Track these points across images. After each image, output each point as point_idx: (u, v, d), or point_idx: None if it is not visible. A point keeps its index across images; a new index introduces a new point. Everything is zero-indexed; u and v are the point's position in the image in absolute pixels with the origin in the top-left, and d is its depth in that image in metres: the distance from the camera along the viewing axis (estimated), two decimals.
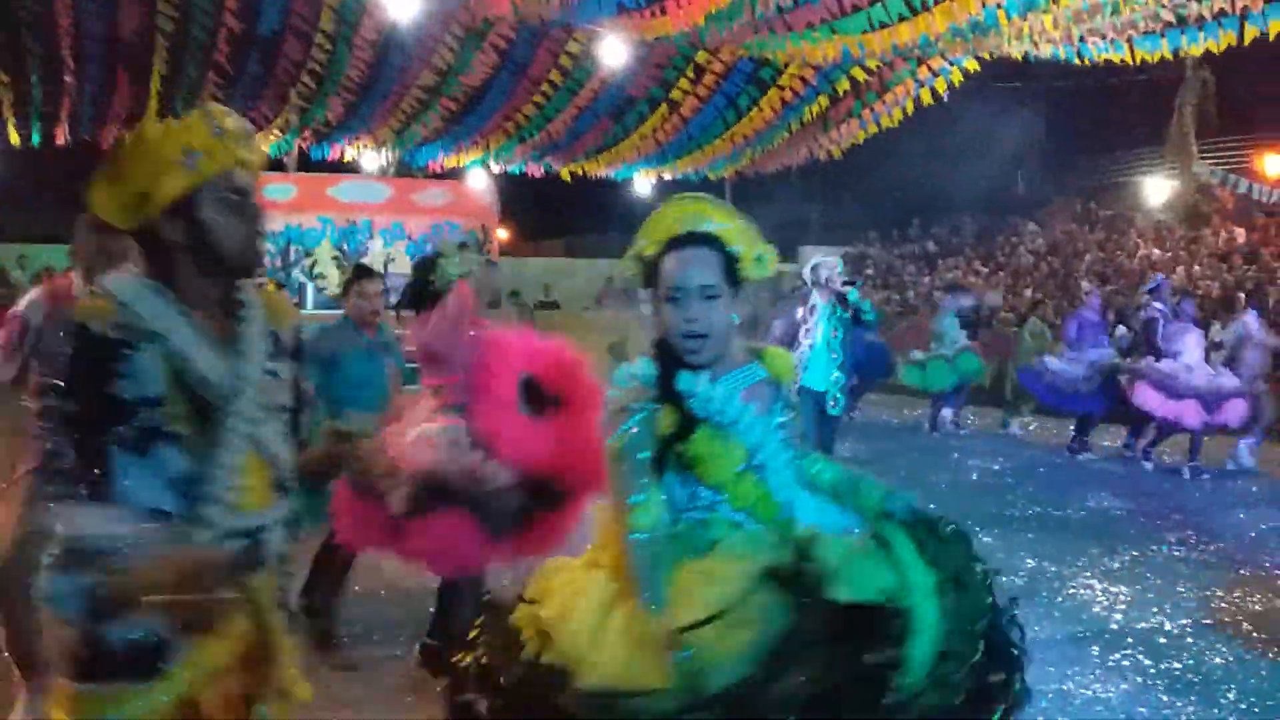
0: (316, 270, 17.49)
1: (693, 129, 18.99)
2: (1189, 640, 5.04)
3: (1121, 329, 14.10)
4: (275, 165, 19.46)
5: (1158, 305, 10.33)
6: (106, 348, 1.90)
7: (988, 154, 25.91)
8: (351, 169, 19.65)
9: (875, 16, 13.26)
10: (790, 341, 7.49)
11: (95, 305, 1.95)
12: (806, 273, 7.63)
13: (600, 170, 20.84)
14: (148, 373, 1.92)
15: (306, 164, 19.11)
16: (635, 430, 2.24)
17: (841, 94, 17.92)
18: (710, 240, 2.37)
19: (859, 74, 17.07)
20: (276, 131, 17.53)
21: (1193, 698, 4.36)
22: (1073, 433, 11.20)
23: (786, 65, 17.22)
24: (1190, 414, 9.53)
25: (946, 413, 13.14)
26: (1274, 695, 4.36)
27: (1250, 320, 10.36)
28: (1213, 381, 9.69)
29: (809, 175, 24.77)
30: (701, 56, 16.86)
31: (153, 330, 1.94)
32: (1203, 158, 21.00)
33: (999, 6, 12.19)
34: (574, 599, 2.12)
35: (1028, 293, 18.75)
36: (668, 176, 21.85)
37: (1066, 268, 19.96)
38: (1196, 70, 19.24)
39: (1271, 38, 12.52)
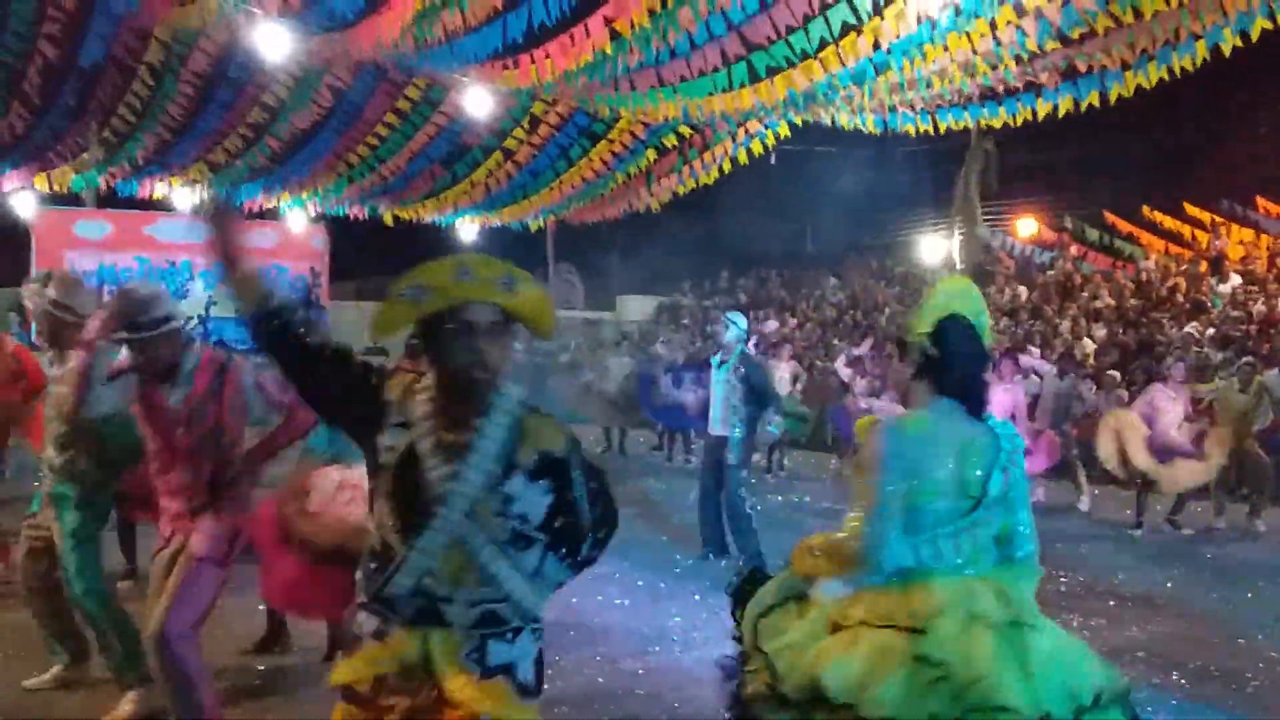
0: None
1: (524, 177, 19.23)
2: None
3: None
4: (75, 200, 18.37)
5: None
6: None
7: (787, 211, 27.47)
8: (162, 206, 18.73)
9: (719, 82, 13.93)
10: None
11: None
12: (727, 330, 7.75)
13: (428, 215, 20.73)
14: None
15: (114, 201, 18.07)
16: None
17: (668, 150, 18.67)
18: None
19: (685, 130, 17.85)
20: (82, 166, 16.56)
21: None
22: None
23: (618, 120, 17.74)
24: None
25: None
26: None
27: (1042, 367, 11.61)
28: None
29: (623, 227, 25.44)
30: (538, 108, 17.15)
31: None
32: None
33: (833, 77, 13.05)
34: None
35: (836, 342, 19.89)
36: (494, 223, 21.95)
37: (868, 320, 21.31)
38: (979, 140, 21.07)
39: (1061, 114, 14.11)
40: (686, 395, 9.37)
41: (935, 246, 25.22)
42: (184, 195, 18.45)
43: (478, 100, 14.69)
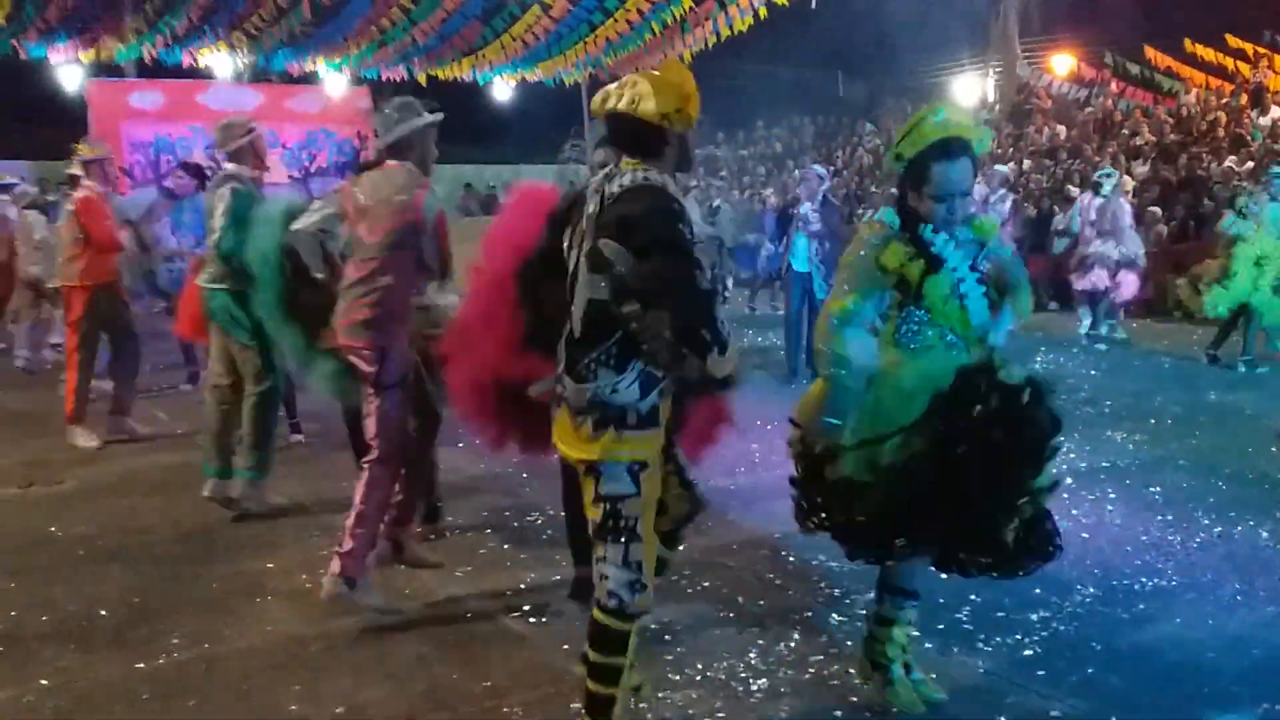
0: None
1: (561, 30, 19.19)
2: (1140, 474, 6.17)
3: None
4: (118, 73, 18.56)
5: None
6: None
7: (821, 58, 27.09)
8: (205, 75, 18.91)
9: None
10: None
11: None
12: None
13: (463, 74, 20.77)
14: None
15: (158, 71, 18.27)
16: (867, 252, 3.17)
17: None
18: (967, 148, 3.08)
19: None
20: (131, 36, 16.74)
21: (1169, 515, 5.41)
22: None
23: None
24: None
25: None
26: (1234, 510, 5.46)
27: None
28: None
29: None
30: None
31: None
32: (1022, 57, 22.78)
33: None
34: None
35: (874, 189, 20.09)
36: (529, 79, 21.96)
37: None
38: None
39: None
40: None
41: (970, 87, 25.01)
42: (223, 63, 18.58)
43: None
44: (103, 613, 4.22)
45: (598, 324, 2.89)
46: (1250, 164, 14.75)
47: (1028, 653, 3.69)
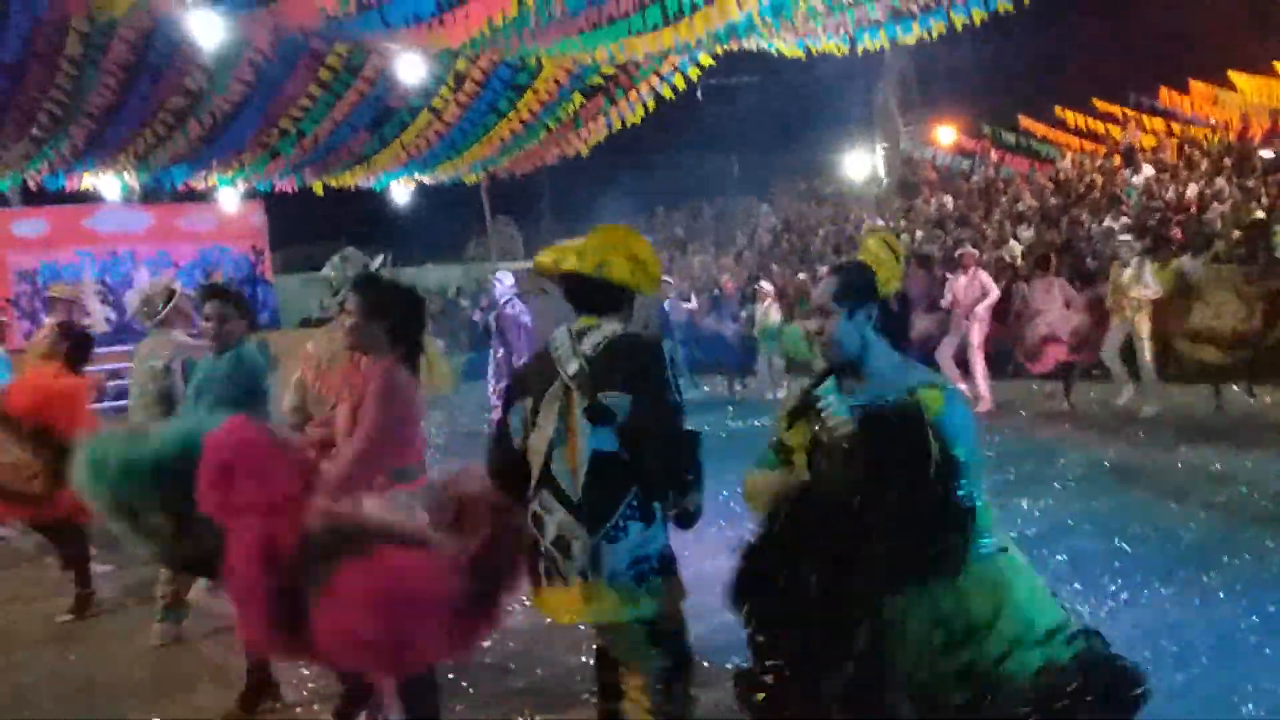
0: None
1: (454, 135, 19.32)
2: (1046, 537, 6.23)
3: None
4: (2, 201, 18.15)
5: None
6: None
7: (715, 143, 27.79)
8: (93, 198, 18.55)
9: (634, 26, 14.19)
10: None
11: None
12: None
13: (356, 181, 20.73)
14: None
15: (43, 197, 17.89)
16: None
17: (594, 92, 18.89)
18: None
19: (609, 70, 18.08)
20: (9, 164, 16.37)
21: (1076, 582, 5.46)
22: None
23: (541, 69, 17.91)
24: None
25: None
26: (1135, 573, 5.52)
27: None
28: None
29: (555, 174, 25.67)
30: (461, 64, 17.24)
31: None
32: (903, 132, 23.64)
33: (753, 11, 13.39)
34: None
35: (775, 267, 20.44)
36: (427, 182, 22.02)
37: (804, 241, 21.88)
38: (895, 57, 21.58)
39: (976, 23, 14.58)
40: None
41: (860, 163, 25.85)
42: (112, 185, 18.28)
43: (403, 65, 14.82)
44: None
45: (606, 476, 2.87)
46: (1125, 219, 15.36)
47: None
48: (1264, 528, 5.91)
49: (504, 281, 9.46)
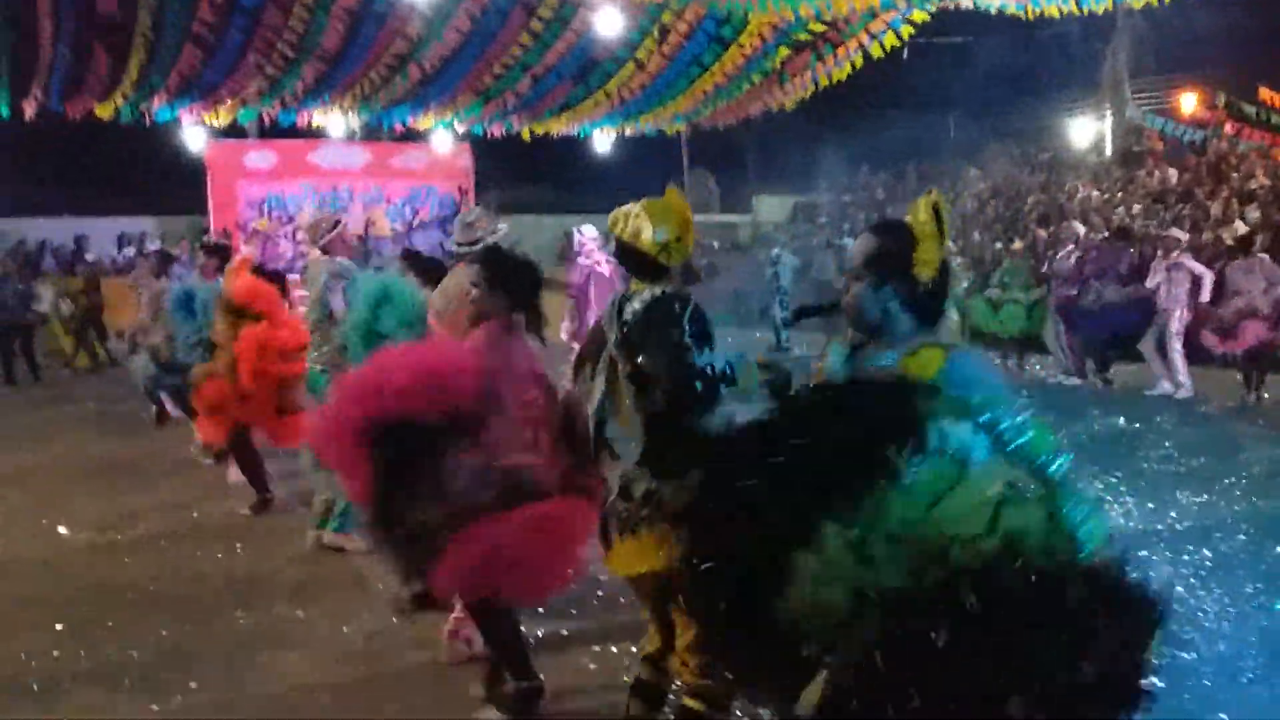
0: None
1: (658, 85, 19.53)
2: (1198, 536, 5.90)
3: None
4: (240, 133, 19.65)
5: None
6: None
7: (927, 103, 26.88)
8: (317, 134, 19.85)
9: None
10: None
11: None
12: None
13: (562, 128, 21.29)
14: None
15: (275, 131, 19.27)
16: None
17: (801, 47, 18.65)
18: None
19: (817, 27, 17.80)
20: (249, 99, 17.71)
21: (1216, 580, 5.16)
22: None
23: (746, 24, 17.81)
24: None
25: None
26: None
27: None
28: None
29: (757, 129, 25.51)
30: (666, 17, 17.38)
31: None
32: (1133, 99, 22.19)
33: None
34: None
35: (976, 235, 19.74)
36: (628, 132, 22.37)
37: (1011, 210, 20.98)
38: (1128, 18, 20.27)
39: None
40: None
41: (1084, 129, 24.44)
42: (336, 122, 19.50)
43: (608, 18, 15.11)
44: (135, 655, 4.48)
45: (662, 435, 2.98)
46: None
47: None
48: None
49: (585, 234, 9.41)
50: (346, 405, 3.40)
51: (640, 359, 2.98)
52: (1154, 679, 2.11)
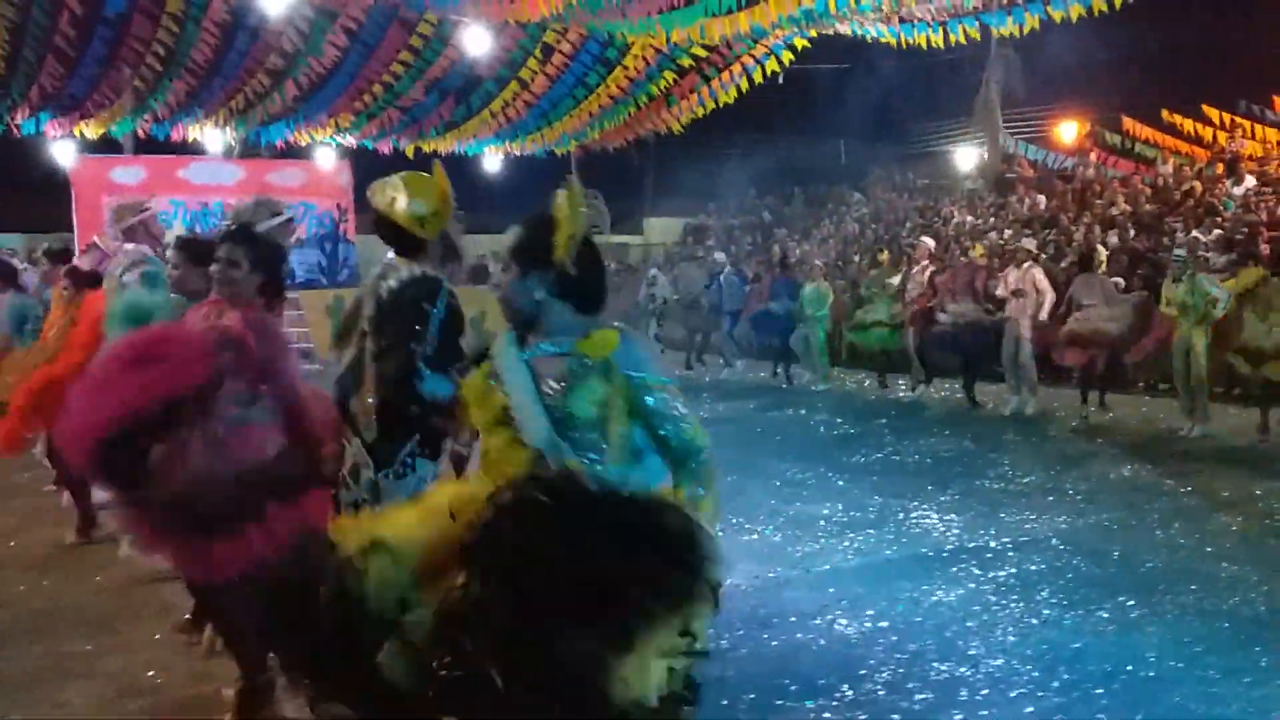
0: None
1: (543, 106, 19.58)
2: (1010, 554, 6.07)
3: None
4: (117, 147, 19.11)
5: None
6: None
7: (814, 129, 27.44)
8: (195, 150, 19.41)
9: (710, 8, 14.17)
10: None
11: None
12: None
13: (448, 147, 21.18)
14: None
15: (150, 146, 18.80)
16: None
17: (686, 70, 18.93)
18: None
19: (700, 52, 18.07)
20: (117, 113, 17.24)
21: (1014, 597, 5.32)
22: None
23: (631, 45, 18.00)
24: None
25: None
26: (1080, 591, 5.35)
27: None
28: None
29: (647, 151, 25.75)
30: (550, 36, 17.47)
31: None
32: (1006, 128, 22.90)
33: None
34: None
35: (856, 258, 20.15)
36: (516, 152, 22.36)
37: (890, 234, 21.48)
38: (1001, 48, 20.95)
39: (1074, 19, 14.16)
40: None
41: (968, 156, 25.16)
42: (214, 137, 19.09)
43: (484, 36, 15.13)
44: None
45: (400, 414, 2.95)
46: (1217, 232, 14.66)
47: None
48: (1240, 561, 5.68)
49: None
50: (71, 419, 3.28)
51: (380, 340, 2.96)
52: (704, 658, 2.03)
